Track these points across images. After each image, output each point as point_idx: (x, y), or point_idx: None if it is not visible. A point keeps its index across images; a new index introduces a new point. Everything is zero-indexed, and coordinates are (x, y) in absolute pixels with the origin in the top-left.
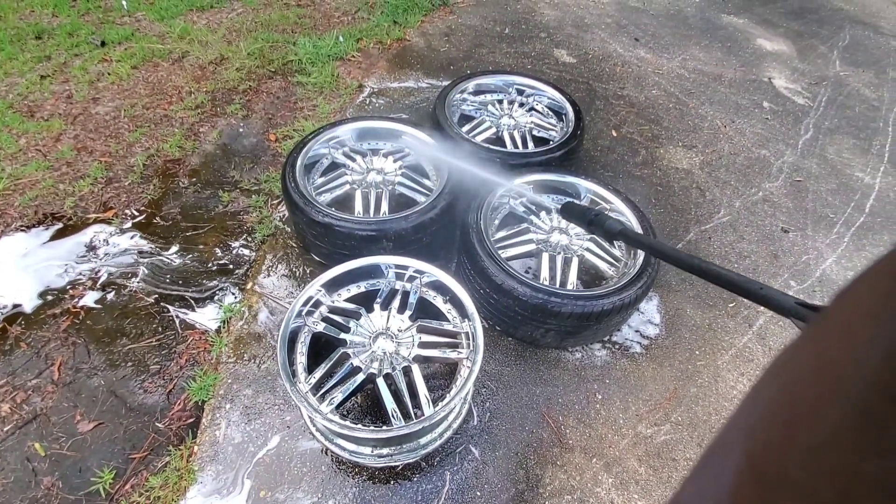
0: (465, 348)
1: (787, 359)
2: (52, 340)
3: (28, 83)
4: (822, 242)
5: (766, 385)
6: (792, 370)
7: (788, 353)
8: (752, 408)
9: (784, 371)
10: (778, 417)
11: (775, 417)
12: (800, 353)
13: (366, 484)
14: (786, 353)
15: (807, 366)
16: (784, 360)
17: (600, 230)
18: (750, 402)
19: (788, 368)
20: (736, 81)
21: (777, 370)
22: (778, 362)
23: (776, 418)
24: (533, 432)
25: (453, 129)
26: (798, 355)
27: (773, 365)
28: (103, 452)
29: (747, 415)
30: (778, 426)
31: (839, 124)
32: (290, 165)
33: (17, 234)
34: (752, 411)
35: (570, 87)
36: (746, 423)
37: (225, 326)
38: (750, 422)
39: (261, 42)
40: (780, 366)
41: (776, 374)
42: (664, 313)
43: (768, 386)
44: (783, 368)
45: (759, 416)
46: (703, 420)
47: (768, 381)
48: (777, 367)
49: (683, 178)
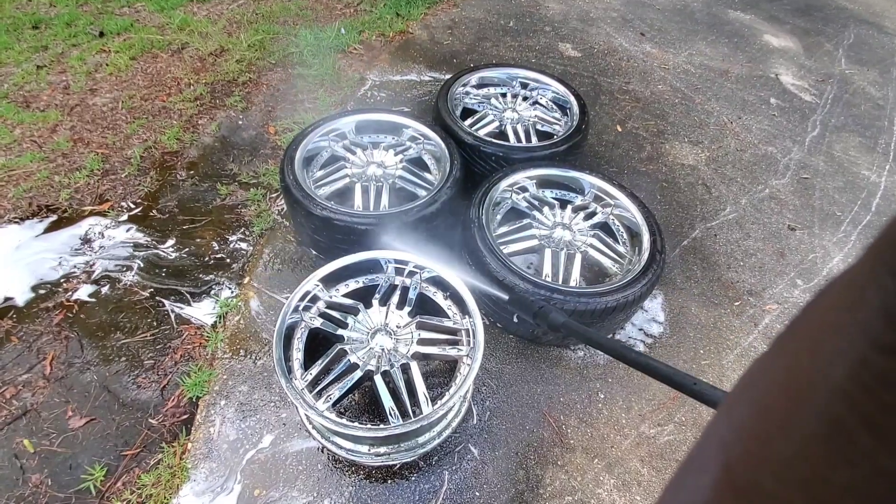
0: (465, 345)
1: (759, 371)
2: (44, 334)
3: (24, 73)
4: (828, 241)
5: (740, 397)
6: (763, 383)
7: (760, 366)
8: (727, 421)
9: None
10: (751, 430)
11: (749, 430)
12: (770, 365)
13: (363, 483)
14: (757, 365)
15: (777, 378)
16: (755, 373)
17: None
18: (724, 415)
19: (760, 381)
20: (743, 77)
21: (749, 383)
22: (750, 374)
23: (750, 431)
24: (533, 432)
25: (456, 122)
26: (769, 368)
27: (744, 377)
28: (95, 449)
29: (722, 427)
30: (752, 438)
31: (845, 122)
32: (289, 158)
33: (10, 225)
34: (726, 425)
35: (575, 82)
36: (721, 436)
37: (221, 321)
38: (725, 435)
39: (261, 34)
40: (751, 378)
41: (748, 387)
42: (669, 311)
43: (741, 398)
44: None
45: (733, 428)
46: (707, 420)
47: (741, 394)
48: (749, 379)
49: (689, 175)
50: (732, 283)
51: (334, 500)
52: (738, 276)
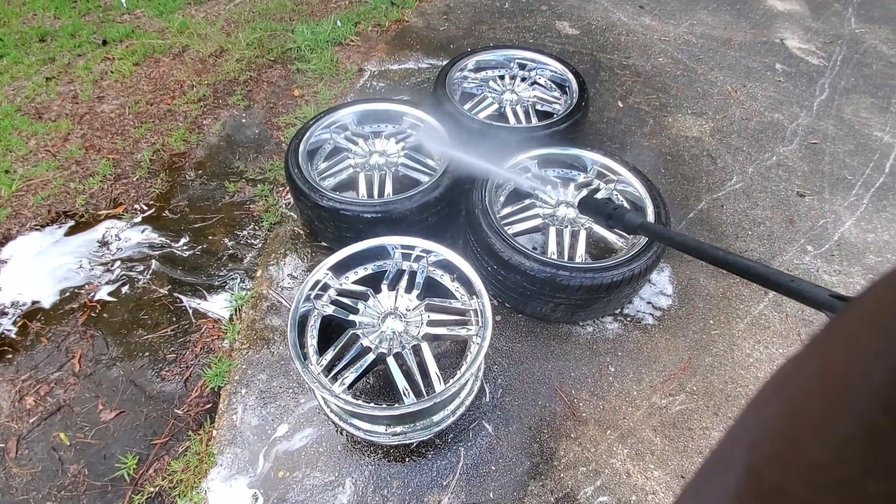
0: (475, 325)
1: (791, 371)
2: (71, 334)
3: (34, 86)
4: (839, 205)
5: (769, 397)
6: (796, 382)
7: (792, 365)
8: (755, 421)
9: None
10: (781, 431)
11: (778, 431)
12: (805, 365)
13: (381, 462)
14: (789, 365)
15: (812, 378)
16: (788, 372)
17: (619, 224)
18: (752, 415)
19: (792, 381)
20: (746, 44)
21: (780, 382)
22: (781, 374)
23: (779, 432)
24: (546, 406)
25: (455, 107)
26: (803, 367)
27: (775, 377)
28: (126, 439)
29: (749, 428)
30: (781, 440)
31: (856, 83)
32: (293, 152)
33: (31, 233)
34: (754, 424)
35: (574, 59)
36: (748, 436)
37: (237, 314)
38: (751, 435)
39: (259, 31)
40: (783, 378)
41: (779, 387)
42: (676, 284)
43: (771, 398)
44: (787, 380)
45: (761, 429)
46: (720, 389)
47: (771, 394)
48: (780, 378)
49: (693, 147)
50: (741, 253)
51: (356, 479)
52: (746, 246)
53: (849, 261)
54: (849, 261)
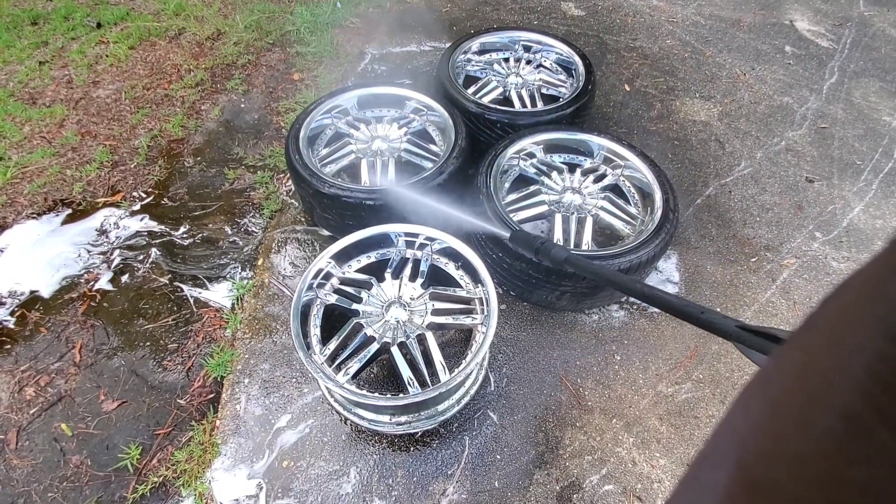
0: (479, 314)
1: (776, 367)
2: (71, 324)
3: (27, 70)
4: (848, 191)
5: (756, 393)
6: (780, 378)
7: (776, 361)
8: (743, 417)
9: (772, 379)
10: (767, 426)
11: (765, 426)
12: (787, 361)
13: (386, 451)
14: (773, 360)
15: (794, 374)
16: (772, 369)
17: (546, 258)
18: (740, 411)
19: (777, 377)
20: (756, 26)
21: (765, 378)
22: (766, 370)
23: (765, 427)
24: (551, 395)
25: (459, 91)
26: (786, 363)
27: (760, 373)
28: (129, 430)
29: (737, 424)
30: (766, 437)
31: (865, 67)
32: (294, 138)
33: (28, 221)
34: (743, 420)
35: (580, 42)
36: (737, 432)
37: (238, 303)
38: (740, 431)
39: (257, 14)
40: (767, 373)
41: (765, 383)
42: (683, 271)
43: (757, 394)
44: (771, 376)
45: (749, 425)
46: (726, 377)
47: (757, 390)
48: (765, 374)
49: (701, 131)
50: (749, 240)
51: (360, 468)
52: (754, 232)
53: (857, 247)
54: (857, 247)
